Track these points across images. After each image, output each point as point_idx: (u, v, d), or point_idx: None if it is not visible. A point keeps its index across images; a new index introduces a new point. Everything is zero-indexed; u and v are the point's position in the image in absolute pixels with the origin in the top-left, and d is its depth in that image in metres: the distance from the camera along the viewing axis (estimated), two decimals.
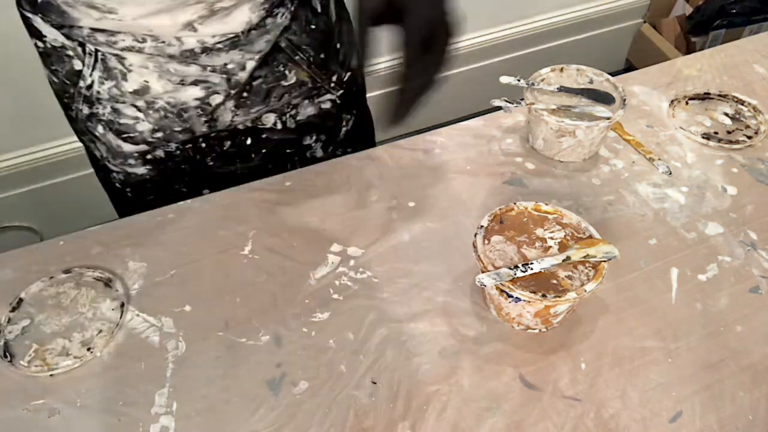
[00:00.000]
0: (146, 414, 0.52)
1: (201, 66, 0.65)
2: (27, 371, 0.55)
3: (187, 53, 0.63)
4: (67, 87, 0.68)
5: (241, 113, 0.71)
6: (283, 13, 0.66)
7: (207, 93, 0.67)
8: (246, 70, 0.67)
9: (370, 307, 0.59)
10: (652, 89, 0.81)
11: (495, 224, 0.57)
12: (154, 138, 0.70)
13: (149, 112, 0.68)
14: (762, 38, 0.90)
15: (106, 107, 0.68)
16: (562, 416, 0.51)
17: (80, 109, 0.69)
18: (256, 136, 0.75)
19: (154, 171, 0.74)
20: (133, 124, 0.69)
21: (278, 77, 0.70)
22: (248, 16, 0.63)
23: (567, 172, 0.71)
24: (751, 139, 0.74)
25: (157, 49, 0.62)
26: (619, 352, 0.55)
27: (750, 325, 0.57)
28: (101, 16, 0.59)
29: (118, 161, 0.73)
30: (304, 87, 0.73)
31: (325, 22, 0.72)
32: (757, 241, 0.63)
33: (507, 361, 0.54)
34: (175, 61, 0.64)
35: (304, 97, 0.75)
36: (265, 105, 0.72)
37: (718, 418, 0.51)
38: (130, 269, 0.63)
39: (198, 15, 0.60)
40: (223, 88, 0.68)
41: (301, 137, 0.78)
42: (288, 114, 0.75)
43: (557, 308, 0.53)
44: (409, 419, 0.51)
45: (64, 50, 0.64)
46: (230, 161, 0.76)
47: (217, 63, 0.65)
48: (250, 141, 0.75)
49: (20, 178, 1.51)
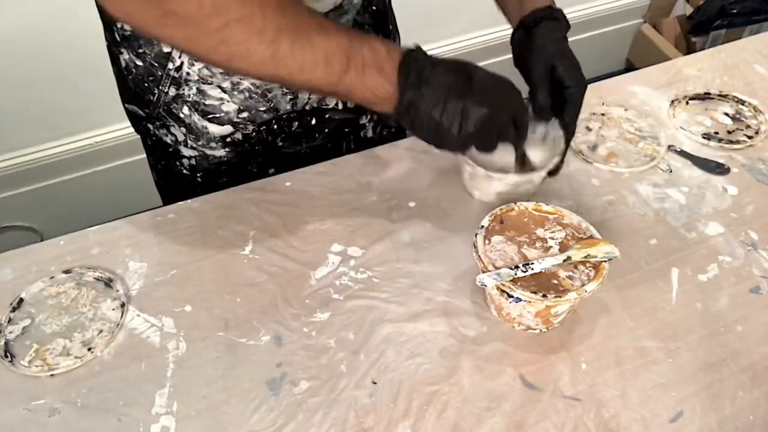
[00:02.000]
0: (146, 414, 0.52)
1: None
2: (27, 371, 0.55)
3: None
4: (155, 70, 0.68)
5: (314, 95, 0.74)
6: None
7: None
8: None
9: (370, 307, 0.59)
10: (653, 89, 0.81)
11: (495, 224, 0.57)
12: (240, 118, 0.72)
13: (234, 92, 0.69)
14: (762, 38, 0.90)
15: (192, 88, 0.69)
16: (562, 416, 0.51)
17: (165, 91, 0.70)
18: (320, 116, 0.76)
19: (232, 153, 0.75)
20: (219, 105, 0.70)
21: None
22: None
23: (567, 171, 0.71)
24: (752, 139, 0.74)
25: None
26: (619, 352, 0.55)
27: (750, 325, 0.56)
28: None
29: (200, 143, 0.74)
30: None
31: (382, 4, 0.76)
32: (757, 241, 0.63)
33: (507, 361, 0.54)
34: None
35: None
36: None
37: (718, 418, 0.51)
38: (131, 269, 0.63)
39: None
40: None
41: (358, 117, 0.81)
42: None
43: (558, 308, 0.53)
44: (409, 419, 0.51)
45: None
46: (297, 141, 0.78)
47: None
48: (315, 121, 0.76)
49: (20, 178, 1.51)
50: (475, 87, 0.53)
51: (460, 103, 0.52)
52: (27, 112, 1.41)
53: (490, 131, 0.53)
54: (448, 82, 0.52)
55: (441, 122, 0.52)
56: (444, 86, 0.52)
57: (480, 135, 0.53)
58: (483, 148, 0.55)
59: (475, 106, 0.52)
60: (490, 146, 0.55)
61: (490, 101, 0.52)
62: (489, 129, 0.53)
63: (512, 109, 0.55)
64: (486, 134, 0.53)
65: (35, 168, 1.50)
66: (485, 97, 0.52)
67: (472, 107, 0.52)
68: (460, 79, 0.53)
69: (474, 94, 0.52)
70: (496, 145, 0.55)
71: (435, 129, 0.53)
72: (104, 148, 1.53)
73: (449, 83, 0.52)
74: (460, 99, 0.52)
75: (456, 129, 0.52)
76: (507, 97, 0.55)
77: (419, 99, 0.51)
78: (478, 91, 0.53)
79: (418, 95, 0.51)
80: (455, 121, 0.52)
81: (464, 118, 0.52)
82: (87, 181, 1.58)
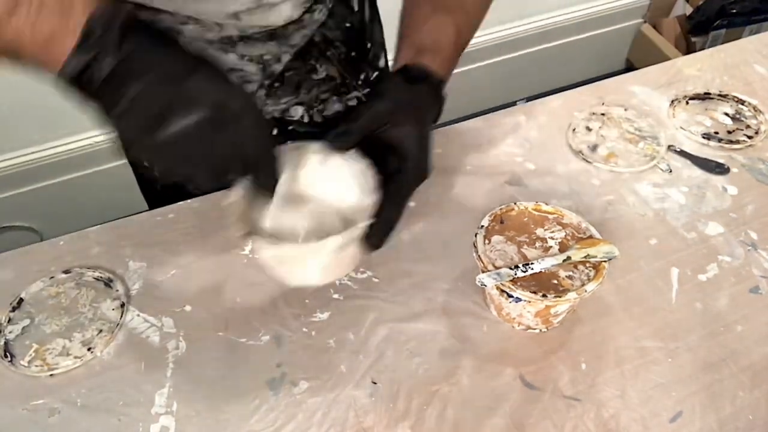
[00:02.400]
0: (146, 414, 0.52)
1: (239, 55, 0.65)
2: (27, 371, 0.55)
3: (226, 39, 0.64)
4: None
5: (271, 103, 0.72)
6: (321, 9, 0.67)
7: (241, 81, 0.68)
8: (281, 62, 0.68)
9: (370, 307, 0.59)
10: (652, 89, 0.81)
11: (495, 224, 0.57)
12: None
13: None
14: (762, 38, 0.90)
15: None
16: (562, 416, 0.51)
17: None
18: (283, 128, 0.75)
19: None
20: None
21: (309, 70, 0.71)
22: (290, 11, 0.64)
23: (567, 171, 0.71)
24: (752, 139, 0.74)
25: (197, 32, 0.62)
26: (619, 352, 0.55)
27: (750, 325, 0.56)
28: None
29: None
30: (333, 82, 0.74)
31: (359, 20, 0.73)
32: (757, 241, 0.63)
33: (507, 361, 0.54)
34: (213, 47, 0.64)
35: (332, 92, 0.75)
36: (295, 97, 0.73)
37: (718, 418, 0.51)
38: (130, 269, 0.63)
39: (246, 7, 0.60)
40: (257, 78, 0.68)
41: (326, 132, 0.79)
42: (316, 108, 0.76)
43: (557, 308, 0.53)
44: (409, 419, 0.51)
45: None
46: None
47: (254, 53, 0.66)
48: (277, 132, 0.75)
49: (20, 178, 1.51)
50: (194, 82, 0.40)
51: (168, 92, 0.39)
52: (27, 112, 1.41)
53: (203, 147, 0.40)
54: (159, 61, 0.40)
55: (131, 109, 0.39)
56: (153, 63, 0.40)
57: (184, 148, 0.40)
58: (189, 174, 0.42)
59: (187, 105, 0.39)
60: (202, 174, 0.42)
61: (213, 109, 0.40)
62: (202, 143, 0.40)
63: (242, 133, 0.42)
64: (193, 150, 0.40)
65: (35, 168, 1.50)
66: (206, 101, 0.40)
67: (182, 104, 0.39)
68: (181, 65, 0.41)
69: (190, 90, 0.40)
70: (212, 175, 0.42)
71: (120, 116, 0.39)
72: (104, 148, 1.53)
73: (161, 62, 0.40)
74: (170, 85, 0.39)
75: (150, 128, 0.39)
76: (238, 114, 0.41)
77: (103, 62, 0.38)
78: (197, 88, 0.40)
79: (107, 56, 0.38)
80: (152, 116, 0.39)
81: (168, 113, 0.39)
82: (87, 181, 1.58)
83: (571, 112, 0.78)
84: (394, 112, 0.52)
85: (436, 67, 0.56)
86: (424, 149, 0.52)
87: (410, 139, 0.52)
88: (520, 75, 1.99)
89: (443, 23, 0.59)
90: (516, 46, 1.92)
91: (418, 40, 0.58)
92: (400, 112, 0.52)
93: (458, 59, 0.61)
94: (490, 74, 1.94)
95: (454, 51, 0.60)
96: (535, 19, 1.90)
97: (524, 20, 1.89)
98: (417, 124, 0.53)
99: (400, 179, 0.51)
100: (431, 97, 0.56)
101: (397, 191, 0.51)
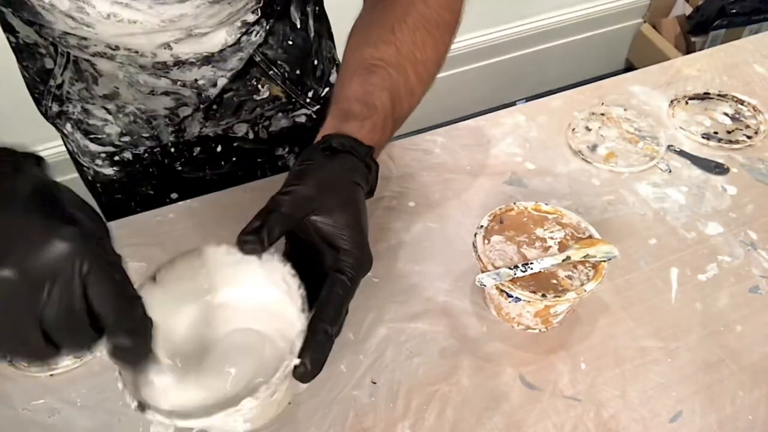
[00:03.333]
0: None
1: (171, 80, 0.64)
2: (27, 371, 0.54)
3: (159, 65, 0.62)
4: (38, 84, 0.67)
5: (210, 125, 0.71)
6: (258, 31, 0.64)
7: (176, 104, 0.67)
8: (217, 87, 0.66)
9: (370, 307, 0.59)
10: (652, 89, 0.81)
11: (495, 224, 0.57)
12: (122, 141, 0.70)
13: (119, 115, 0.67)
14: (762, 38, 0.90)
15: (76, 106, 0.67)
16: (562, 416, 0.51)
17: (50, 106, 0.69)
18: (226, 144, 0.74)
19: (122, 172, 0.73)
20: (101, 126, 0.68)
21: (250, 91, 0.69)
22: (224, 38, 0.61)
23: (567, 171, 0.71)
24: (751, 139, 0.74)
25: (129, 58, 0.60)
26: (619, 352, 0.55)
27: (750, 325, 0.56)
28: (77, 26, 0.55)
29: (86, 159, 0.73)
30: (277, 102, 0.72)
31: (303, 38, 0.70)
32: (757, 241, 0.63)
33: (507, 361, 0.54)
34: (146, 73, 0.63)
35: (278, 110, 0.74)
36: (236, 117, 0.71)
37: (718, 418, 0.51)
38: (130, 269, 0.62)
39: (175, 38, 0.58)
40: (192, 102, 0.67)
41: (273, 148, 0.77)
42: (261, 125, 0.74)
43: (557, 308, 0.53)
44: (409, 419, 0.51)
45: (37, 48, 0.64)
46: (199, 167, 0.75)
47: (188, 78, 0.64)
48: (221, 148, 0.73)
49: None
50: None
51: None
52: (27, 112, 1.41)
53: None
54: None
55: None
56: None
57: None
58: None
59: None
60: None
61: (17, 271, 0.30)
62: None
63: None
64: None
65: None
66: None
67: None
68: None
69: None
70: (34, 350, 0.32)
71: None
72: None
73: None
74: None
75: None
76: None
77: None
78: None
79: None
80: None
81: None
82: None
83: (571, 112, 0.78)
84: (318, 197, 0.43)
85: (363, 135, 0.48)
86: (361, 237, 0.43)
87: (344, 228, 0.43)
88: (520, 75, 1.99)
89: (376, 89, 0.51)
90: (516, 46, 1.92)
91: (346, 106, 0.50)
92: (326, 194, 0.43)
93: (395, 127, 0.53)
94: (490, 74, 1.94)
95: (388, 117, 0.51)
96: (535, 19, 1.90)
97: (524, 20, 1.89)
98: (348, 207, 0.44)
99: (338, 283, 0.41)
100: (360, 167, 0.47)
101: (336, 302, 0.41)
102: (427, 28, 0.54)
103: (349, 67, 0.54)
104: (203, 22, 0.57)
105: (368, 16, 0.58)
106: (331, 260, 0.42)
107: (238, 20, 0.61)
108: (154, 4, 0.52)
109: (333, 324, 0.40)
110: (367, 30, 0.56)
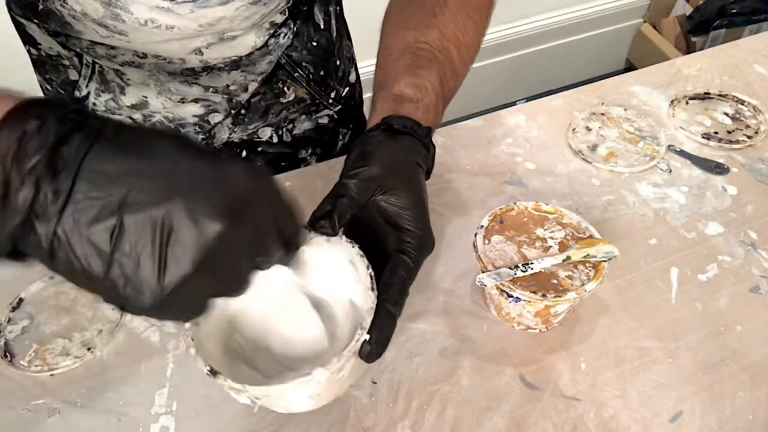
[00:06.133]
0: (146, 414, 0.52)
1: (203, 87, 0.64)
2: (27, 371, 0.54)
3: (188, 72, 0.62)
4: (62, 96, 0.67)
5: (239, 130, 0.71)
6: (286, 33, 0.65)
7: (206, 111, 0.67)
8: (248, 91, 0.66)
9: None
10: (652, 89, 0.81)
11: (495, 224, 0.57)
12: None
13: (145, 124, 0.67)
14: (762, 38, 0.90)
15: None
16: (562, 416, 0.51)
17: None
18: (251, 149, 0.74)
19: None
20: None
21: (277, 94, 0.70)
22: (254, 41, 0.62)
23: (567, 171, 0.71)
24: (751, 139, 0.74)
25: (157, 66, 0.61)
26: (619, 352, 0.55)
27: (750, 325, 0.56)
28: (109, 35, 0.55)
29: None
30: (302, 104, 0.73)
31: (326, 38, 0.71)
32: (757, 241, 0.63)
33: (507, 361, 0.54)
34: (176, 80, 0.63)
35: (302, 113, 0.74)
36: (263, 121, 0.71)
37: (718, 418, 0.51)
38: None
39: (207, 42, 0.59)
40: (223, 108, 0.67)
41: (296, 151, 0.77)
42: (284, 128, 0.74)
43: (557, 308, 0.53)
44: (409, 419, 0.51)
45: (60, 59, 0.63)
46: None
47: (219, 84, 0.64)
48: (246, 153, 0.74)
49: None
50: (179, 175, 0.29)
51: (161, 209, 0.28)
52: None
53: (232, 264, 0.32)
54: (131, 167, 0.29)
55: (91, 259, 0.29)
56: (120, 172, 0.29)
57: (214, 276, 0.31)
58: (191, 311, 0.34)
59: (193, 217, 0.29)
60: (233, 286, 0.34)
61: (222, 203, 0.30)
62: (231, 259, 0.32)
63: (266, 211, 0.34)
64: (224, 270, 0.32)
65: None
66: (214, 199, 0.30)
67: (186, 223, 0.28)
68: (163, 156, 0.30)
69: (179, 190, 0.29)
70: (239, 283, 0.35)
71: (83, 270, 0.30)
72: None
73: (137, 168, 0.29)
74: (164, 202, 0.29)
75: (150, 273, 0.29)
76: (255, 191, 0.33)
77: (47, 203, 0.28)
78: (189, 183, 0.29)
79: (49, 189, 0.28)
80: (146, 255, 0.29)
81: (165, 246, 0.29)
82: None
83: (571, 112, 0.78)
84: (383, 177, 0.43)
85: (420, 116, 0.49)
86: (424, 217, 0.44)
87: (409, 209, 0.43)
88: (520, 75, 1.99)
89: (424, 71, 0.52)
90: (516, 46, 1.92)
91: (397, 90, 0.51)
92: (391, 174, 0.44)
93: (444, 108, 0.54)
94: (490, 74, 1.94)
95: (439, 98, 0.52)
96: (535, 19, 1.90)
97: (524, 20, 1.89)
98: (412, 187, 0.44)
99: (402, 264, 0.42)
100: (420, 149, 0.48)
101: (400, 283, 0.42)
102: (467, 12, 0.56)
103: (392, 51, 0.54)
104: (238, 24, 0.57)
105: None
106: (394, 241, 0.43)
107: (267, 21, 0.61)
108: (196, 8, 0.52)
109: (396, 305, 0.41)
110: (406, 13, 0.56)
